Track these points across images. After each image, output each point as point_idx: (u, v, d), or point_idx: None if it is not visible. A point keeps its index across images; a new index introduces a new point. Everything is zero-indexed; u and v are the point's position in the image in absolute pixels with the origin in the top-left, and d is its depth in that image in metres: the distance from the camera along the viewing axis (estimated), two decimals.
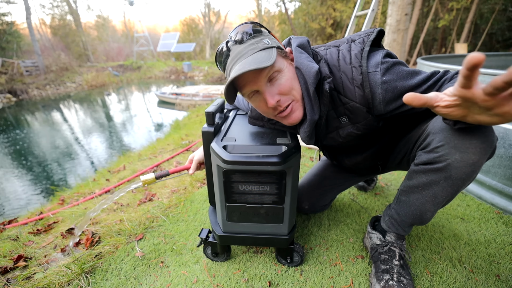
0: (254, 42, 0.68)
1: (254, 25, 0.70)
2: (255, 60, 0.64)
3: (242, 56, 0.67)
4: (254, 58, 0.65)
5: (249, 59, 0.65)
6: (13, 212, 3.37)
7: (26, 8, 16.25)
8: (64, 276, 0.97)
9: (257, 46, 0.67)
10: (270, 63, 0.63)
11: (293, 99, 0.72)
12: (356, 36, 0.75)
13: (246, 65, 0.63)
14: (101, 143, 6.35)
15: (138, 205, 1.52)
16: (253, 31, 0.69)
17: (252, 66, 0.62)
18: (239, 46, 0.68)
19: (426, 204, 0.73)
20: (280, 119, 0.77)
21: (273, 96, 0.70)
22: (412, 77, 0.69)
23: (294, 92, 0.72)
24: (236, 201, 0.80)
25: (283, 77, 0.70)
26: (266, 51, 0.67)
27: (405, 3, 3.53)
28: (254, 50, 0.67)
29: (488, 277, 0.90)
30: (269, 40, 0.70)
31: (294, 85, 0.71)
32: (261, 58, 0.64)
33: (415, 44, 9.63)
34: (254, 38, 0.69)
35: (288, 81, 0.70)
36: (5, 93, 12.48)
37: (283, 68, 0.70)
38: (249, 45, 0.68)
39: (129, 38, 29.36)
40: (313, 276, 0.94)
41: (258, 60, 0.63)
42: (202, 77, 16.42)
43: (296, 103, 0.73)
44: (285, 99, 0.72)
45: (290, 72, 0.71)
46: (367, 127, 0.77)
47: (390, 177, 1.63)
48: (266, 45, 0.68)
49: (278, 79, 0.70)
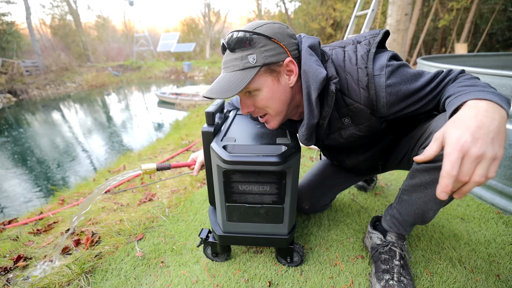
0: (239, 57, 0.69)
1: (250, 35, 0.67)
2: (226, 84, 0.69)
3: (225, 68, 0.73)
4: (226, 81, 0.69)
5: (221, 83, 0.70)
6: (13, 212, 3.37)
7: (26, 8, 16.24)
8: (64, 276, 0.97)
9: (239, 63, 0.69)
10: (232, 94, 0.67)
11: (267, 113, 0.78)
12: (361, 37, 0.74)
13: (214, 89, 0.70)
14: (101, 143, 6.35)
15: (138, 205, 1.52)
16: (245, 42, 0.67)
17: (215, 94, 0.68)
18: (228, 53, 0.71)
19: (429, 203, 0.73)
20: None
21: (247, 107, 0.77)
22: (416, 79, 0.69)
23: (268, 110, 0.76)
24: (236, 201, 0.80)
25: (259, 95, 0.73)
26: (244, 72, 0.69)
27: (405, 3, 3.53)
28: (233, 68, 0.70)
29: (488, 277, 0.90)
30: (257, 56, 0.68)
31: (269, 104, 0.74)
32: (232, 83, 0.68)
33: (415, 44, 9.62)
34: (242, 51, 0.68)
35: (263, 101, 0.74)
36: (5, 93, 12.47)
37: (261, 87, 0.72)
38: (234, 60, 0.70)
39: (129, 38, 29.35)
40: (313, 276, 0.94)
41: (225, 88, 0.68)
42: (202, 77, 16.41)
43: (271, 116, 0.78)
44: (258, 111, 0.78)
45: (270, 91, 0.72)
46: (369, 128, 0.77)
47: (390, 177, 1.63)
48: (248, 65, 0.68)
49: (254, 95, 0.74)
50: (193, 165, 1.02)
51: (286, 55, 0.70)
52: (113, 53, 29.39)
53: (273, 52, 0.69)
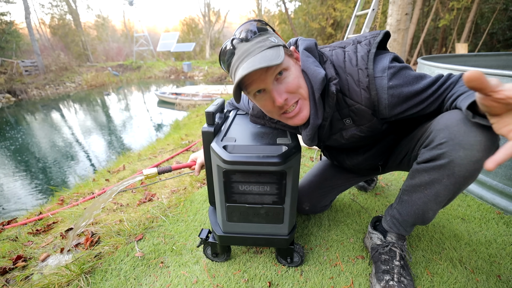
0: (261, 40, 0.66)
1: (260, 23, 0.69)
2: (264, 58, 0.63)
3: (249, 54, 0.65)
4: (262, 56, 0.63)
5: (257, 57, 0.63)
6: (12, 212, 3.36)
7: (25, 7, 16.20)
8: (63, 276, 0.97)
9: (264, 44, 0.66)
10: (280, 61, 0.62)
11: (300, 97, 0.72)
12: (362, 38, 0.74)
13: (255, 62, 0.62)
14: (100, 143, 6.35)
15: (138, 205, 1.52)
16: (258, 29, 0.67)
17: (262, 64, 0.61)
18: (245, 44, 0.66)
19: (429, 203, 0.73)
20: (285, 120, 0.76)
21: (280, 94, 0.69)
22: (418, 81, 0.69)
23: (301, 91, 0.71)
24: (236, 201, 0.79)
25: (290, 75, 0.69)
26: (274, 49, 0.66)
27: (405, 2, 3.52)
28: (261, 48, 0.65)
29: (489, 277, 0.90)
30: (275, 38, 0.69)
31: (301, 83, 0.70)
32: (270, 56, 0.63)
33: (415, 44, 9.63)
34: (260, 36, 0.67)
35: (296, 80, 0.70)
36: (4, 93, 12.46)
37: (290, 66, 0.69)
38: (256, 43, 0.66)
39: (128, 38, 29.34)
40: (313, 276, 0.93)
41: (268, 58, 0.62)
42: (202, 77, 16.40)
43: (304, 101, 0.73)
44: (292, 97, 0.71)
45: (297, 70, 0.71)
46: (371, 129, 0.77)
47: (390, 177, 1.63)
48: (273, 43, 0.67)
49: (285, 77, 0.69)
50: (193, 165, 1.01)
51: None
52: (113, 53, 29.37)
53: (280, 39, 0.71)
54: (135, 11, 41.03)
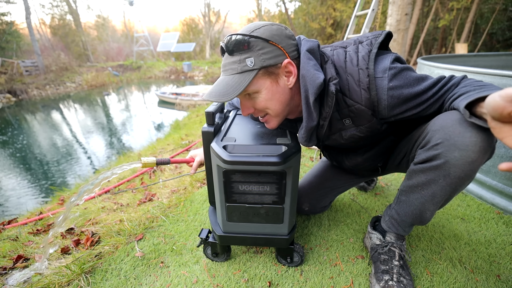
0: (237, 61, 0.69)
1: (247, 39, 0.67)
2: (224, 87, 0.70)
3: (224, 71, 0.73)
4: (225, 85, 0.70)
5: (223, 83, 0.71)
6: (12, 212, 3.37)
7: (25, 8, 16.20)
8: (63, 276, 0.97)
9: (237, 67, 0.69)
10: (229, 98, 0.68)
11: (267, 114, 0.79)
12: (363, 38, 0.74)
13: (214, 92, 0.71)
14: (100, 143, 6.35)
15: (138, 205, 1.52)
16: (242, 45, 0.67)
17: (215, 97, 0.69)
18: (227, 56, 0.72)
19: (426, 204, 0.73)
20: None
21: (247, 108, 0.78)
22: (418, 83, 0.69)
23: (268, 111, 0.77)
24: (236, 201, 0.80)
25: (259, 97, 0.74)
26: (242, 76, 0.69)
27: (405, 3, 3.53)
28: (232, 72, 0.71)
29: (488, 277, 0.90)
30: (255, 59, 0.68)
31: (268, 105, 0.75)
32: (229, 87, 0.69)
33: (415, 44, 9.63)
34: (240, 54, 0.68)
35: (262, 103, 0.74)
36: (4, 93, 12.46)
37: (260, 89, 0.72)
38: (232, 63, 0.70)
39: (129, 38, 29.34)
40: (313, 276, 0.93)
41: (223, 92, 0.69)
42: (202, 77, 16.40)
43: (271, 117, 0.79)
44: (259, 112, 0.79)
45: (269, 93, 0.73)
46: (370, 129, 0.77)
47: (390, 177, 1.63)
48: (246, 68, 0.69)
49: (253, 97, 0.75)
50: (192, 162, 1.01)
51: (284, 57, 0.70)
52: (113, 53, 29.37)
53: (271, 54, 0.69)
54: (135, 11, 41.13)
